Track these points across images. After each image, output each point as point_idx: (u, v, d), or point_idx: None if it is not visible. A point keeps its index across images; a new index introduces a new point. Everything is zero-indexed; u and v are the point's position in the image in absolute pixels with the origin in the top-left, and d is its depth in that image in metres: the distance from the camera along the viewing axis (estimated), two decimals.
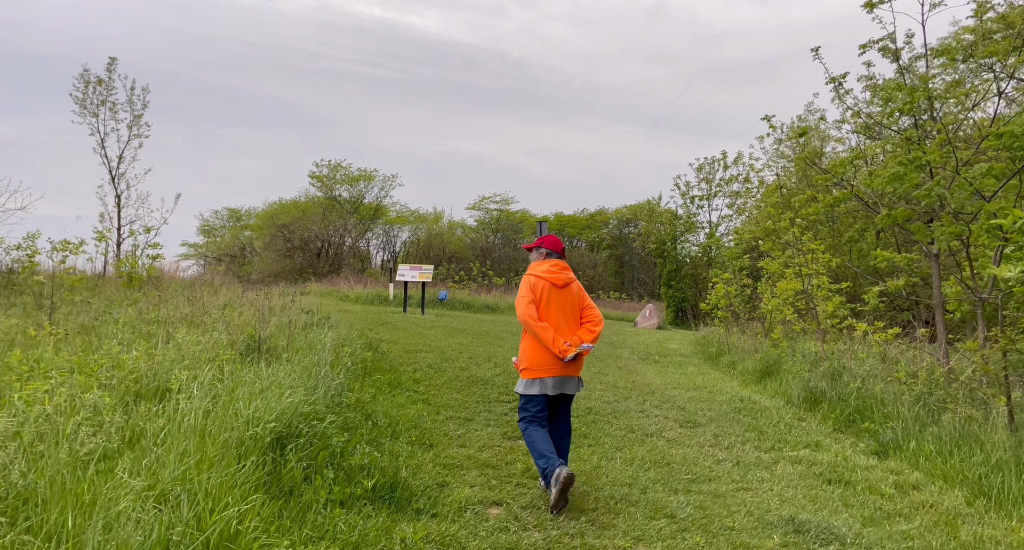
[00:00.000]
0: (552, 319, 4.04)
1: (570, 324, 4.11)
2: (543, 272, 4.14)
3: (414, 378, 7.13)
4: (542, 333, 3.95)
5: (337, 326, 8.80)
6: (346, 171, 38.58)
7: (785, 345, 9.89)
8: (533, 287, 4.08)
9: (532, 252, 4.41)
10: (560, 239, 4.46)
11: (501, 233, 43.09)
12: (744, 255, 14.96)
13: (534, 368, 4.02)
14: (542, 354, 3.99)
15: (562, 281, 4.14)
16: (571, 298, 4.17)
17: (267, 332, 6.53)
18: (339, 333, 8.14)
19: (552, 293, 4.09)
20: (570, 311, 4.13)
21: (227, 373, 4.96)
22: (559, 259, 4.28)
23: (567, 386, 4.10)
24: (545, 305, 4.05)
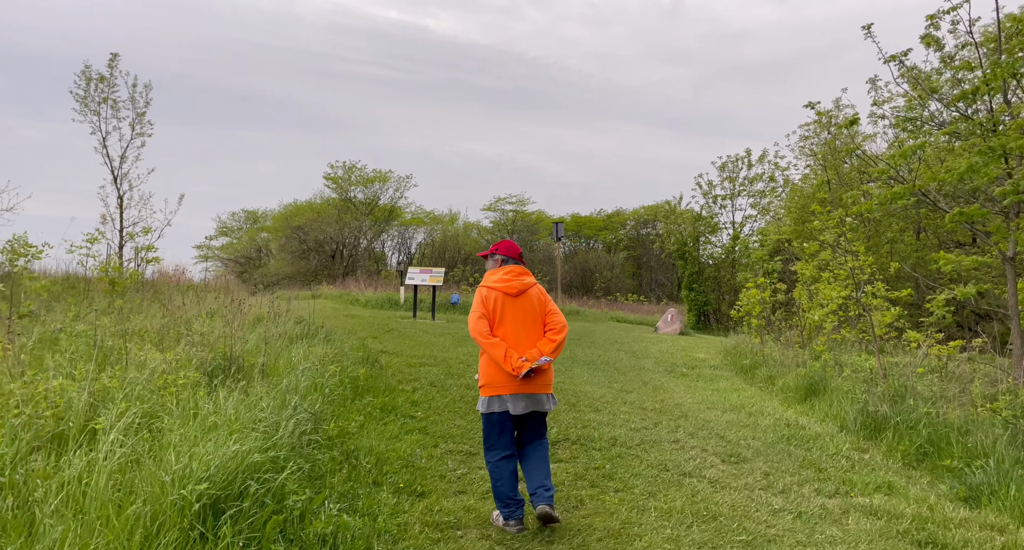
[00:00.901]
0: (509, 332, 3.68)
1: (531, 335, 3.73)
2: (495, 282, 3.78)
3: (412, 400, 6.20)
4: (492, 350, 3.59)
5: (331, 337, 7.91)
6: (361, 172, 37.94)
7: (828, 358, 8.81)
8: (484, 300, 3.73)
9: (488, 260, 4.02)
10: (516, 243, 4.17)
11: (517, 234, 42.14)
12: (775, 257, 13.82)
13: (491, 385, 3.65)
14: (498, 370, 3.63)
15: (516, 289, 3.74)
16: (530, 306, 3.77)
17: (244, 348, 5.64)
18: (331, 346, 7.24)
19: (506, 304, 3.72)
20: (531, 321, 3.75)
21: (180, 404, 4.07)
22: (516, 265, 3.91)
23: (533, 404, 3.67)
24: (499, 318, 3.70)
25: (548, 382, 3.75)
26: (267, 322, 7.56)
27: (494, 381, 3.65)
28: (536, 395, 3.67)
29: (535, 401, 3.67)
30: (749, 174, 24.10)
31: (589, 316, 22.60)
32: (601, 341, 14.04)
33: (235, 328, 5.73)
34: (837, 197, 15.76)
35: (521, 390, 3.61)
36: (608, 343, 13.75)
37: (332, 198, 38.09)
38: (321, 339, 7.26)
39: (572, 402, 6.79)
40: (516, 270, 3.86)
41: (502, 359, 3.57)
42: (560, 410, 6.41)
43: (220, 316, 7.78)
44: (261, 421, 3.95)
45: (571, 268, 39.85)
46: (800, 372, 8.46)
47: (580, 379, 8.48)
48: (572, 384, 8.01)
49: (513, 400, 3.61)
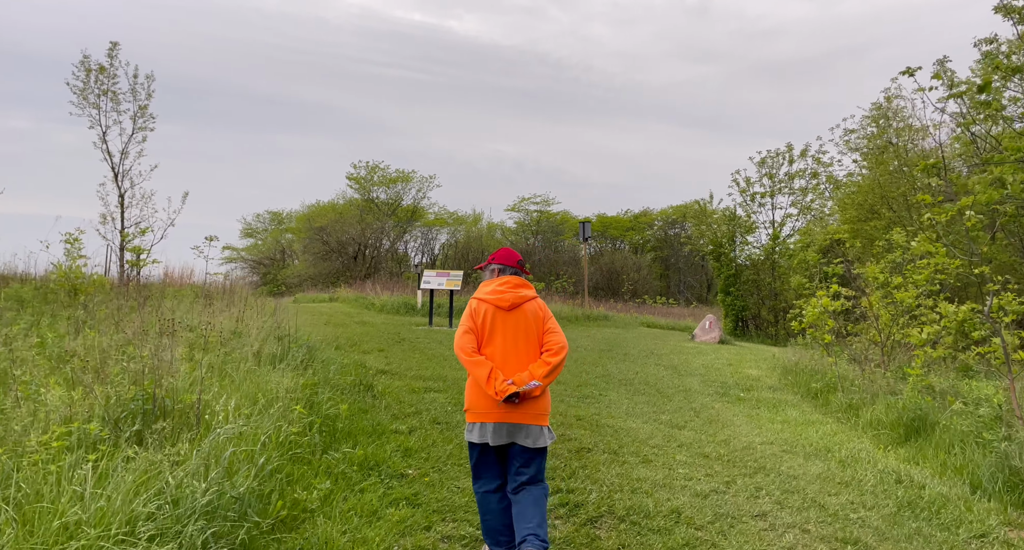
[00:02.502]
0: (497, 351, 3.20)
1: (523, 355, 3.22)
2: (487, 294, 3.31)
3: (405, 447, 4.66)
4: (475, 370, 3.13)
5: (314, 357, 6.42)
6: (383, 172, 36.77)
7: (927, 383, 7.05)
8: (474, 313, 3.28)
9: (484, 270, 3.55)
10: (515, 251, 3.56)
11: (541, 235, 40.60)
12: (836, 261, 11.97)
13: (473, 410, 3.20)
14: (480, 393, 3.15)
15: (509, 302, 3.25)
16: (524, 322, 3.26)
17: (182, 382, 4.19)
18: (313, 371, 5.76)
19: (497, 318, 3.24)
20: (524, 338, 3.24)
21: (47, 480, 2.63)
22: (513, 275, 3.44)
23: (517, 435, 3.12)
24: (489, 333, 3.23)
25: (541, 411, 3.13)
26: (259, 333, 6.12)
27: (475, 405, 3.16)
28: (522, 426, 3.09)
29: (524, 433, 3.09)
30: (790, 170, 22.13)
31: (618, 321, 20.90)
32: (635, 353, 12.38)
33: (162, 352, 4.26)
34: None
35: (505, 419, 3.08)
36: (643, 355, 12.09)
37: (354, 199, 37.02)
38: (299, 361, 5.78)
39: (614, 448, 5.19)
40: (513, 281, 3.35)
41: (485, 380, 3.06)
42: (600, 461, 4.82)
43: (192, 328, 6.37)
44: (152, 516, 2.48)
45: (596, 270, 38.15)
46: (893, 403, 6.72)
47: (619, 408, 6.87)
48: (611, 416, 6.40)
49: (494, 429, 3.09)
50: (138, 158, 14.15)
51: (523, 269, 3.50)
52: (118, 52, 13.66)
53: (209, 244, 12.68)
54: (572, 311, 19.43)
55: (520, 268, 3.46)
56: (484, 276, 3.53)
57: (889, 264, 10.96)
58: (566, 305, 20.98)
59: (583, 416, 6.23)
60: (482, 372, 3.08)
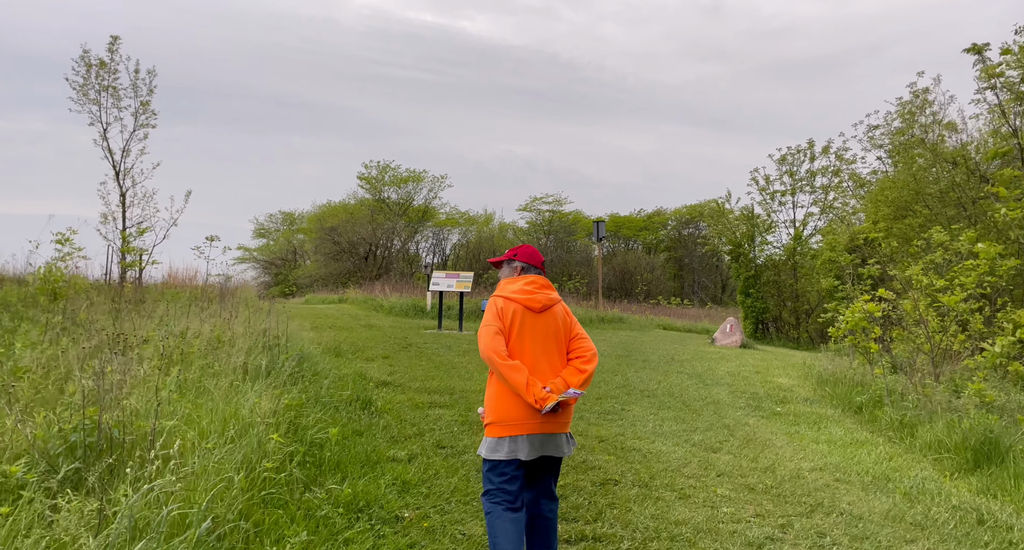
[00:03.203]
0: (527, 355, 2.88)
1: (553, 361, 2.93)
2: (514, 292, 2.98)
3: (403, 480, 3.96)
4: (512, 375, 2.75)
5: (303, 370, 5.74)
6: (394, 172, 36.23)
7: (990, 399, 6.26)
8: (501, 313, 2.92)
9: (502, 267, 3.21)
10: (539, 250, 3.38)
11: (553, 235, 39.86)
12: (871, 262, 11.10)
13: (503, 422, 2.81)
14: (513, 403, 2.80)
15: (540, 304, 2.95)
16: (553, 326, 2.98)
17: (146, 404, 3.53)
18: (301, 388, 5.09)
19: (526, 320, 2.92)
20: (553, 343, 2.96)
21: None
22: (538, 275, 3.13)
23: (550, 446, 2.86)
24: (517, 336, 2.89)
25: (568, 419, 2.96)
26: (231, 346, 5.47)
27: (509, 417, 2.82)
28: (557, 436, 2.90)
29: (555, 443, 2.89)
30: (812, 167, 21.21)
31: (634, 323, 20.12)
32: (655, 359, 11.63)
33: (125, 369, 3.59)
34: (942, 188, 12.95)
35: (541, 429, 2.83)
36: (664, 361, 11.34)
37: (365, 199, 36.52)
38: (289, 374, 5.10)
39: (644, 480, 4.46)
40: (539, 281, 3.09)
41: (524, 387, 2.75)
42: (630, 498, 4.10)
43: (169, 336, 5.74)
44: None
45: (610, 270, 37.36)
46: (954, 421, 5.93)
47: (645, 426, 6.14)
48: (637, 437, 5.68)
49: (529, 442, 2.82)
50: (140, 156, 13.64)
51: (543, 268, 3.23)
52: (119, 46, 13.15)
53: (210, 244, 12.13)
54: (586, 313, 18.70)
55: (543, 269, 3.19)
56: (502, 273, 3.23)
57: (929, 265, 10.13)
58: (580, 307, 20.23)
59: (606, 437, 5.51)
60: (520, 378, 2.76)
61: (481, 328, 2.93)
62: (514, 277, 3.11)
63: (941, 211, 13.11)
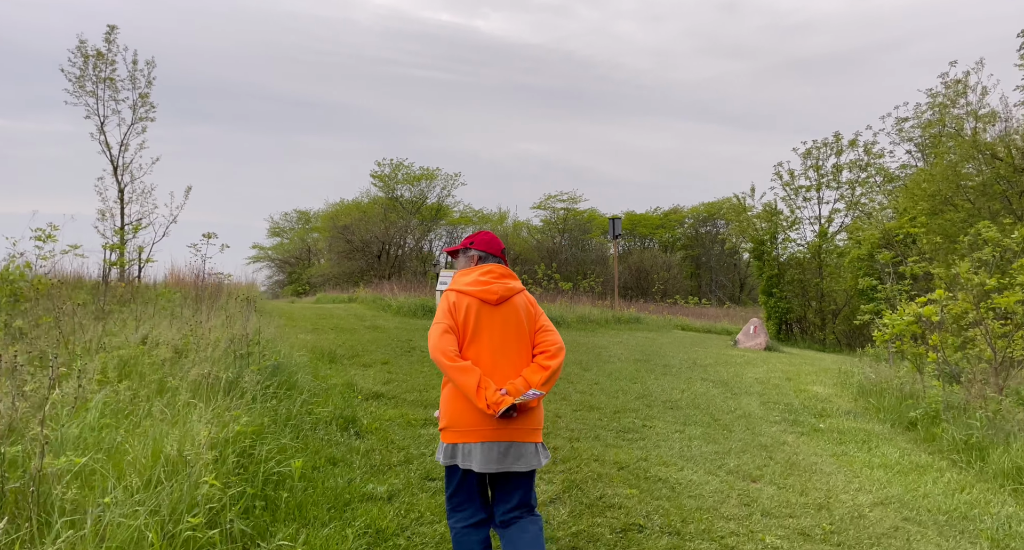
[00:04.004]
0: (484, 353, 2.55)
1: (514, 358, 2.59)
2: (468, 285, 2.64)
3: (379, 526, 3.16)
4: (461, 377, 2.44)
5: (279, 383, 4.97)
6: (408, 170, 35.59)
7: None
8: (453, 308, 2.60)
9: (458, 257, 2.88)
10: (498, 237, 3.01)
11: (568, 233, 38.98)
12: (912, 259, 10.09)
13: (455, 427, 2.51)
14: (465, 407, 2.48)
15: (496, 295, 2.62)
16: (514, 319, 2.63)
17: (76, 428, 2.80)
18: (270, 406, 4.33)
19: (482, 315, 2.59)
20: (514, 339, 2.61)
21: None
22: (497, 264, 2.79)
23: (511, 459, 2.47)
24: (472, 333, 2.57)
25: (535, 425, 2.53)
26: (198, 354, 4.74)
27: (458, 422, 2.48)
28: (518, 444, 2.47)
29: (516, 453, 2.46)
30: (839, 161, 20.10)
31: (651, 324, 19.21)
32: (676, 363, 10.76)
33: (26, 393, 2.86)
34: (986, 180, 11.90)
35: (497, 436, 2.43)
36: (686, 366, 10.46)
37: (379, 197, 35.96)
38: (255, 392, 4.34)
39: (676, 526, 3.63)
40: (497, 270, 2.72)
41: (474, 390, 2.40)
42: (659, 549, 3.29)
43: (108, 348, 5.03)
44: None
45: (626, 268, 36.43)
46: None
47: (670, 448, 5.30)
48: (662, 463, 4.84)
49: (483, 450, 2.43)
50: (140, 150, 13.07)
51: (504, 258, 2.89)
52: (116, 36, 12.57)
53: (207, 242, 11.49)
54: (602, 313, 17.84)
55: (503, 257, 2.86)
56: (458, 264, 2.90)
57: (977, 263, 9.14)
58: (595, 307, 19.37)
59: (627, 463, 4.69)
60: (470, 380, 2.44)
61: (432, 327, 2.58)
62: (469, 267, 2.76)
63: (984, 205, 12.06)
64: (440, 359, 2.48)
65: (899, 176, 20.96)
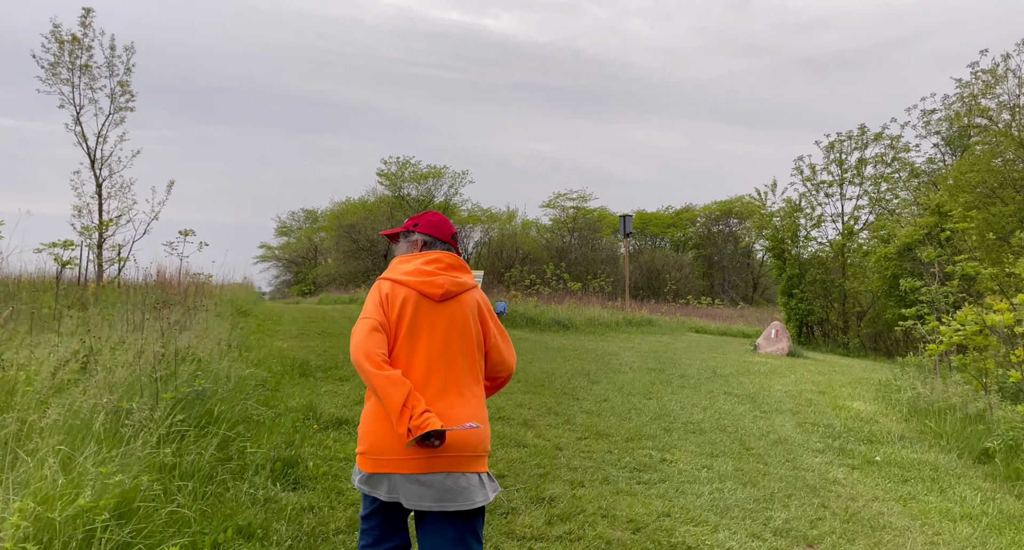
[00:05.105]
0: (418, 361, 2.02)
1: (456, 370, 2.05)
2: (407, 274, 2.11)
3: None
4: (386, 389, 1.89)
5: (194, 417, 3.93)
6: (415, 168, 34.64)
7: None
8: (385, 301, 2.06)
9: (398, 242, 2.32)
10: (448, 219, 2.35)
11: (578, 232, 37.86)
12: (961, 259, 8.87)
13: (373, 451, 1.99)
14: (387, 428, 1.95)
15: (441, 289, 2.08)
16: (461, 320, 2.10)
17: None
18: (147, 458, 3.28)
19: (421, 312, 2.06)
20: (457, 345, 2.08)
21: None
22: (445, 252, 2.24)
23: (447, 495, 1.93)
24: (407, 335, 2.03)
25: (479, 451, 2.00)
26: (108, 376, 3.71)
27: (378, 445, 1.97)
28: (456, 476, 1.94)
29: (453, 488, 1.93)
30: (865, 155, 18.80)
31: (664, 326, 18.06)
32: (694, 373, 9.63)
33: None
34: None
35: (429, 467, 1.92)
36: (705, 377, 9.33)
37: (385, 195, 35.06)
38: (163, 429, 3.29)
39: None
40: (445, 259, 2.18)
41: (398, 408, 1.87)
42: None
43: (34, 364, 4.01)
44: None
45: (636, 268, 35.27)
46: None
47: (698, 493, 4.18)
48: (688, 519, 3.72)
49: (405, 485, 1.93)
50: (120, 143, 12.15)
51: (456, 246, 2.33)
52: (92, 20, 11.65)
53: (184, 239, 10.54)
54: (612, 316, 16.72)
55: (454, 244, 2.30)
56: (397, 250, 2.32)
57: None
58: (605, 308, 18.25)
59: (643, 521, 3.59)
60: (395, 395, 1.87)
61: (358, 322, 2.05)
62: (412, 254, 2.24)
63: None
64: (363, 363, 1.94)
65: (925, 171, 19.65)
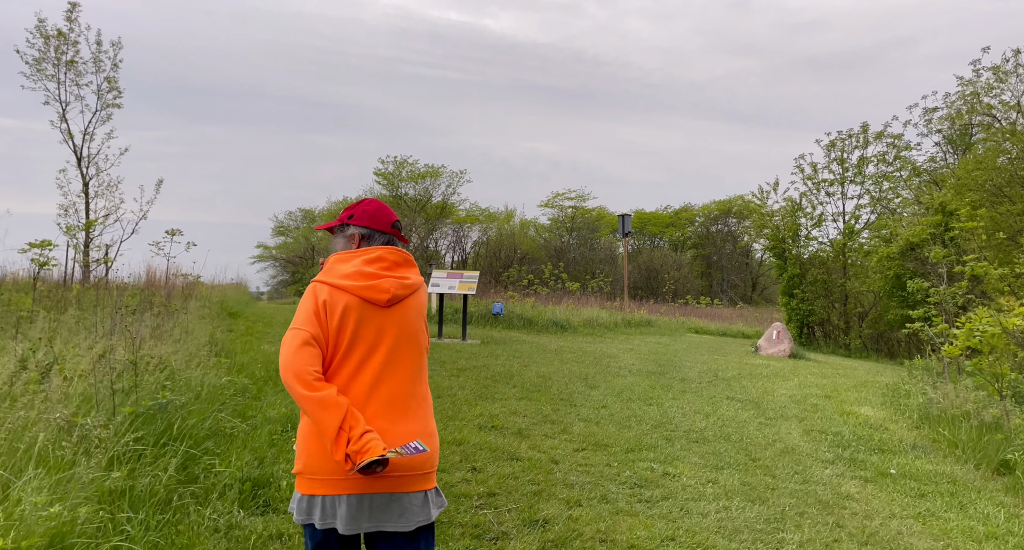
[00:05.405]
0: (361, 377, 1.81)
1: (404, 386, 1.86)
2: (346, 277, 1.85)
3: None
4: (319, 414, 1.69)
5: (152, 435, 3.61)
6: (412, 167, 34.35)
7: None
8: (322, 310, 1.80)
9: (335, 237, 2.07)
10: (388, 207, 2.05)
11: (576, 232, 37.58)
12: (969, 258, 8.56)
13: (311, 472, 1.80)
14: (319, 444, 1.76)
15: (388, 293, 1.85)
16: (410, 329, 1.91)
17: None
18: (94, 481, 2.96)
19: (365, 321, 1.83)
20: (406, 356, 1.89)
21: None
22: (388, 247, 1.96)
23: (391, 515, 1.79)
24: (348, 348, 1.81)
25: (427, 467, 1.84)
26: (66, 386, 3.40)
27: (319, 468, 1.78)
28: (402, 497, 1.80)
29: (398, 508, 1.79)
30: (866, 154, 18.51)
31: (663, 327, 17.77)
32: (695, 376, 9.33)
33: None
34: None
35: (371, 487, 1.76)
36: (706, 380, 9.03)
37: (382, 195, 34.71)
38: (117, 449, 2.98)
39: None
40: (391, 256, 1.93)
41: (332, 431, 1.68)
42: None
43: None
44: None
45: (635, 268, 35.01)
46: None
47: (703, 512, 3.86)
48: (695, 544, 3.40)
49: (351, 505, 1.75)
50: (107, 140, 11.82)
51: (401, 236, 2.04)
52: (78, 15, 11.31)
53: (171, 239, 10.22)
54: (611, 316, 16.41)
55: (397, 235, 2.01)
56: (335, 246, 2.04)
57: None
58: (604, 309, 17.95)
59: (644, 546, 3.28)
60: (330, 418, 1.67)
61: (288, 333, 1.78)
62: (350, 252, 1.95)
63: None
64: (292, 384, 1.72)
65: (926, 170, 19.37)
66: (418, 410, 1.89)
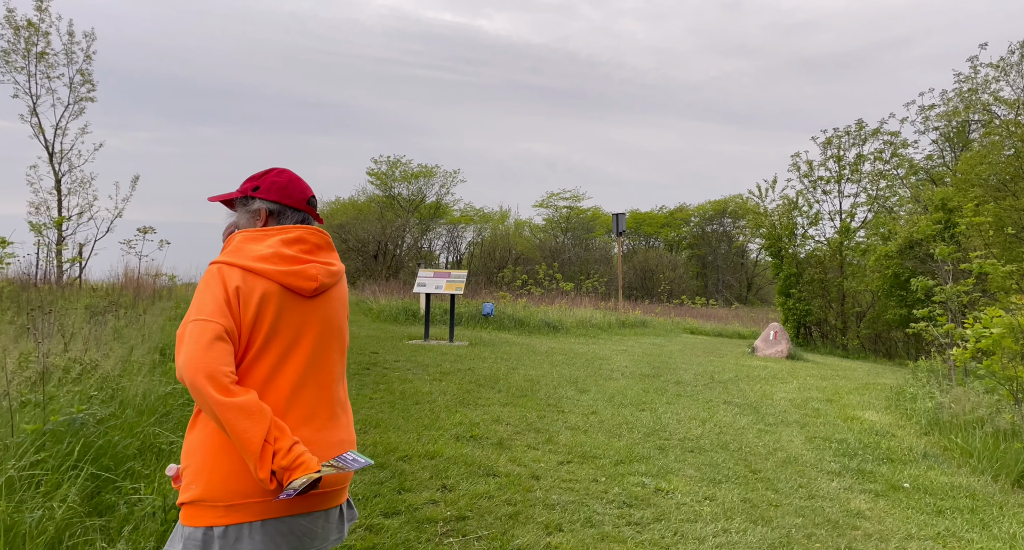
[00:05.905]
0: (280, 379, 1.51)
1: (329, 388, 1.60)
2: (261, 259, 1.51)
3: None
4: (239, 423, 1.36)
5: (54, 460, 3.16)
6: (406, 167, 33.88)
7: None
8: (235, 296, 1.47)
9: (238, 210, 1.70)
10: (301, 178, 1.71)
11: (571, 232, 37.16)
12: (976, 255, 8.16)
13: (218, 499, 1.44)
14: (240, 465, 1.44)
15: (315, 282, 1.56)
16: (336, 323, 1.65)
17: None
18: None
19: (286, 313, 1.53)
20: (333, 355, 1.62)
21: None
22: (306, 226, 1.64)
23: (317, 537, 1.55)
24: (265, 343, 1.49)
25: (346, 482, 1.63)
26: None
27: (233, 491, 1.44)
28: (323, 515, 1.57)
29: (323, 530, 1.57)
30: (863, 151, 18.13)
31: (658, 327, 17.33)
32: (690, 379, 8.89)
33: None
34: None
35: (288, 509, 1.48)
36: (702, 383, 8.59)
37: (376, 195, 34.29)
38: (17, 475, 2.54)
39: None
40: (312, 238, 1.63)
41: (256, 446, 1.37)
42: None
43: None
44: None
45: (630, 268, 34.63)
46: None
47: (701, 536, 3.42)
48: None
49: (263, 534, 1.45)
50: (81, 135, 11.32)
51: (316, 216, 1.72)
52: (48, 4, 10.82)
53: (143, 237, 9.73)
54: (604, 317, 15.97)
55: (312, 213, 1.69)
56: (238, 222, 1.68)
57: None
58: (598, 309, 17.51)
59: None
60: (253, 429, 1.36)
61: (187, 326, 1.41)
62: (260, 229, 1.59)
63: None
64: (203, 387, 1.35)
65: (924, 168, 19.03)
66: (343, 417, 1.65)
